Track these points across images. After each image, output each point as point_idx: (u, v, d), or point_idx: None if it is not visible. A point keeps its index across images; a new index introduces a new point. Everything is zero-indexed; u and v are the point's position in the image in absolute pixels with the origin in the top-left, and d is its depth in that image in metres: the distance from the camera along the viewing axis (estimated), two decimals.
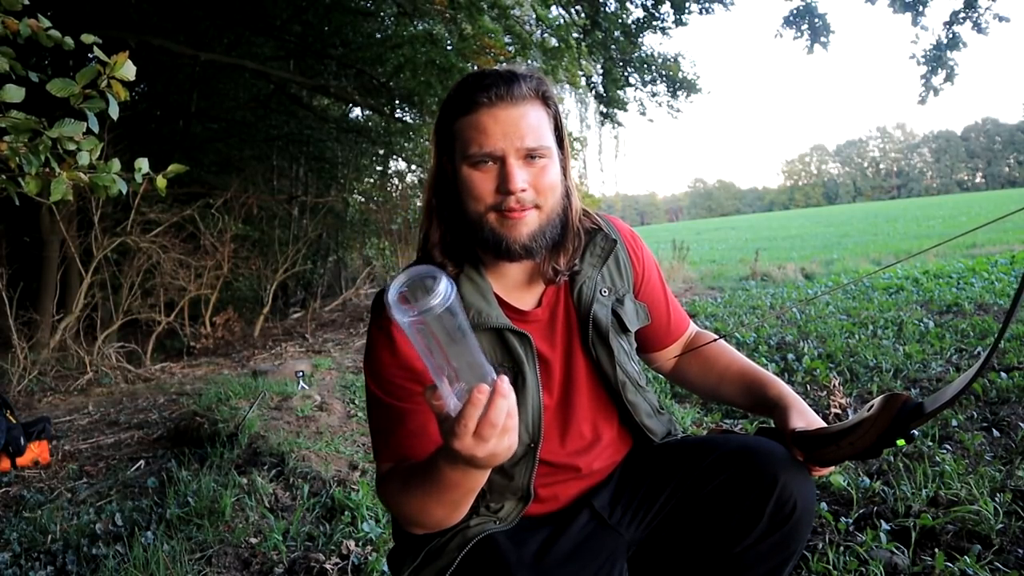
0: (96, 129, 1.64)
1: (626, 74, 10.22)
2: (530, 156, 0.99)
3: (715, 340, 1.26)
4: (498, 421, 0.73)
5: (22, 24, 1.59)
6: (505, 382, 0.74)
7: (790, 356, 3.67)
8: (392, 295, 0.71)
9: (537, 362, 1.06)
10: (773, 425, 1.12)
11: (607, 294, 1.13)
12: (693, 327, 1.33)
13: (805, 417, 1.08)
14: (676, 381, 1.32)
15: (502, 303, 1.07)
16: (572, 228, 1.08)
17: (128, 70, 1.58)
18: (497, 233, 1.00)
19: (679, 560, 1.08)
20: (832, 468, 1.08)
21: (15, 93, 1.50)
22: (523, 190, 0.98)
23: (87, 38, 1.59)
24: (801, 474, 1.02)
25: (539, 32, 7.00)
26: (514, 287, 1.10)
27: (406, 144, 8.67)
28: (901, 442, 0.91)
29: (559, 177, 1.04)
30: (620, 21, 9.28)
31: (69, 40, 1.63)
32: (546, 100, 1.03)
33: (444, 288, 0.69)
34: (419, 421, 1.01)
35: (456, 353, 0.72)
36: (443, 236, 1.06)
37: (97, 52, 1.56)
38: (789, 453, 1.04)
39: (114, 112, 1.61)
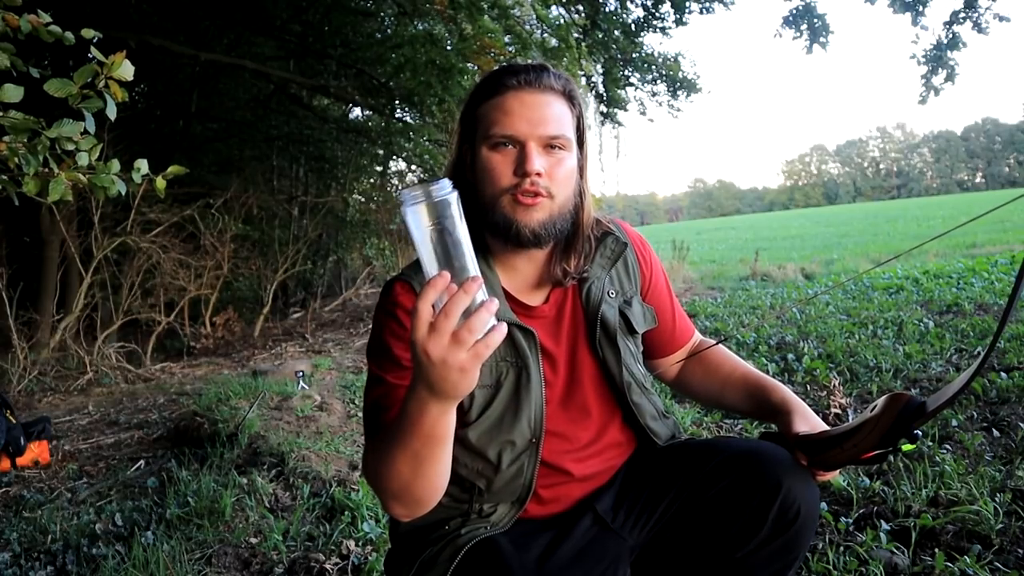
0: (93, 129, 1.64)
1: (626, 73, 10.20)
2: (550, 145, 1.00)
3: (715, 344, 1.26)
4: (474, 328, 0.71)
5: (22, 20, 1.59)
6: (494, 302, 0.74)
7: (790, 356, 3.67)
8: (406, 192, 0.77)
9: (541, 358, 1.06)
10: (776, 430, 1.12)
11: (615, 295, 1.13)
12: (697, 336, 1.32)
13: (808, 421, 1.07)
14: (679, 388, 1.31)
15: (509, 298, 1.07)
16: (583, 230, 1.08)
17: (126, 70, 1.57)
18: (508, 216, 1.00)
19: (682, 565, 1.08)
20: (835, 472, 1.08)
21: (14, 93, 1.50)
22: (539, 174, 0.98)
23: (87, 33, 1.59)
24: (805, 479, 1.02)
25: (539, 32, 6.99)
26: (523, 283, 1.09)
27: (406, 144, 8.65)
28: (908, 447, 0.90)
29: (575, 173, 1.04)
30: (620, 21, 9.27)
31: (70, 35, 1.62)
32: (571, 99, 1.05)
33: (446, 184, 0.76)
34: None
35: (451, 255, 0.74)
36: None
37: (95, 52, 1.55)
38: (793, 458, 1.04)
39: (112, 112, 1.60)
